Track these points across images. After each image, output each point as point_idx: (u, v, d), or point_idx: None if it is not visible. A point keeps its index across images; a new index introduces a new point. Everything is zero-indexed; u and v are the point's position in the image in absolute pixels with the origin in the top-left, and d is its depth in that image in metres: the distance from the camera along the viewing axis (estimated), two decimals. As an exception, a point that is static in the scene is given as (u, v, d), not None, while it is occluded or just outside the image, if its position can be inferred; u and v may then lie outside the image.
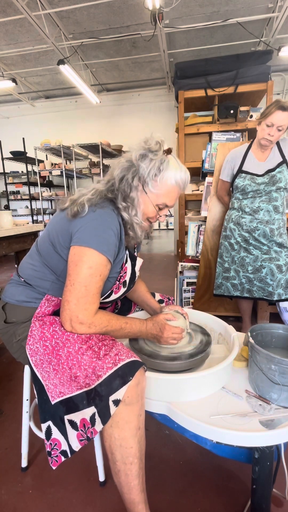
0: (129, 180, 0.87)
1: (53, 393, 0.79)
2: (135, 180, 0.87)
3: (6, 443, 1.24)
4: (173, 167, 0.87)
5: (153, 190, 0.88)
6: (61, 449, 0.76)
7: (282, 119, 1.55)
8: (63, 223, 0.86)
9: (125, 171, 0.88)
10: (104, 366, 0.73)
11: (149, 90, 5.87)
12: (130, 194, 0.87)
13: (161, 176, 0.86)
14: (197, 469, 1.10)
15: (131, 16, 3.74)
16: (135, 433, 0.74)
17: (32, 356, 0.83)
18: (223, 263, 1.92)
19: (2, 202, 6.51)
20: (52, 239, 0.88)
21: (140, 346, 1.01)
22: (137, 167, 0.86)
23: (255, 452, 0.75)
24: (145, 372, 0.77)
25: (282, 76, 5.29)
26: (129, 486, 0.78)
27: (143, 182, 0.87)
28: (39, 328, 0.84)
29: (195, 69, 3.11)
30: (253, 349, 0.88)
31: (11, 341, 0.91)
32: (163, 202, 0.91)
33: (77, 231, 0.81)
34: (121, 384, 0.71)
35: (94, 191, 0.88)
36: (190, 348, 0.98)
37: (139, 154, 0.86)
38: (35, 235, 2.23)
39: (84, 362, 0.75)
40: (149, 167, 0.85)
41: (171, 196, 0.91)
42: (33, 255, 0.95)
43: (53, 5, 3.54)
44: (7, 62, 4.81)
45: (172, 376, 0.83)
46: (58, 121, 6.26)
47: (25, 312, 0.90)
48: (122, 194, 0.87)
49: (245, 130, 2.90)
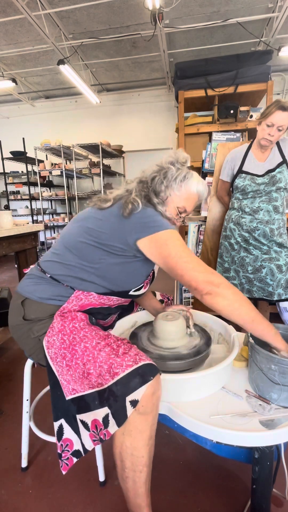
0: (161, 179, 0.97)
1: (66, 390, 0.78)
2: (165, 180, 0.97)
3: (6, 443, 1.24)
4: (196, 179, 0.99)
5: (177, 193, 0.98)
6: (73, 450, 0.75)
7: (282, 119, 1.55)
8: (112, 220, 0.89)
9: (156, 172, 0.99)
10: (123, 363, 0.72)
11: (149, 90, 5.87)
12: (161, 192, 0.97)
13: (186, 182, 0.97)
14: (197, 469, 1.10)
15: (131, 16, 3.74)
16: (147, 443, 0.74)
17: (48, 349, 0.83)
18: (223, 263, 1.92)
19: (2, 202, 6.51)
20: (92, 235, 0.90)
21: (140, 346, 1.00)
22: (167, 169, 0.97)
23: (255, 452, 0.75)
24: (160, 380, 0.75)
25: (282, 76, 5.29)
26: (136, 492, 0.78)
27: (170, 185, 0.97)
28: (60, 322, 0.84)
29: (195, 69, 3.10)
30: (253, 349, 0.88)
31: (28, 336, 0.90)
32: (183, 205, 1.00)
33: (141, 225, 0.86)
34: (140, 383, 0.69)
35: (134, 190, 0.95)
36: (190, 348, 0.98)
37: (169, 161, 0.99)
38: (35, 235, 2.23)
39: (100, 358, 0.74)
40: (176, 173, 0.97)
41: (191, 202, 1.01)
42: (63, 253, 0.94)
43: (53, 5, 3.54)
44: (7, 62, 4.81)
45: (172, 376, 0.83)
46: (58, 121, 6.26)
47: (46, 309, 0.90)
48: (154, 191, 0.97)
49: (245, 130, 2.90)
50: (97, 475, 1.05)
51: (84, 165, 5.62)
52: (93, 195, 4.68)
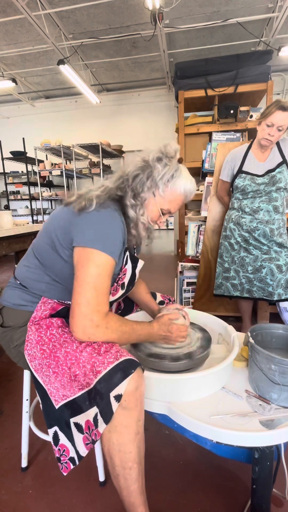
0: (143, 179, 0.88)
1: (56, 397, 0.77)
2: (149, 181, 0.88)
3: (6, 443, 1.24)
4: (184, 177, 0.90)
5: (162, 194, 0.89)
6: (69, 456, 0.75)
7: (282, 119, 1.55)
8: (66, 218, 0.84)
9: (140, 170, 0.88)
10: (104, 361, 0.72)
11: (149, 90, 5.87)
12: (141, 193, 0.88)
13: (173, 183, 0.88)
14: (197, 469, 1.10)
15: (131, 16, 3.74)
16: (134, 438, 0.73)
17: (31, 362, 0.82)
18: (223, 263, 1.92)
19: (2, 202, 6.51)
20: (51, 236, 0.86)
21: (139, 346, 1.00)
22: (152, 168, 0.87)
23: (255, 452, 0.75)
24: (143, 375, 0.76)
25: (282, 76, 5.29)
26: (128, 490, 0.77)
27: (155, 185, 0.88)
28: (36, 332, 0.82)
29: (195, 69, 3.10)
30: (253, 349, 0.88)
31: (9, 346, 0.90)
32: (167, 208, 0.92)
33: (80, 231, 0.79)
34: (122, 377, 0.69)
35: (103, 188, 0.87)
36: (190, 348, 0.98)
37: (156, 157, 0.88)
38: (35, 235, 2.22)
39: (83, 358, 0.74)
40: (163, 171, 0.87)
41: (176, 204, 0.93)
42: (29, 256, 0.93)
43: (53, 5, 3.54)
44: (7, 62, 4.81)
45: (172, 376, 0.83)
46: (58, 121, 6.26)
47: (22, 316, 0.89)
48: (134, 191, 0.88)
49: (245, 130, 2.90)
50: (97, 475, 1.05)
51: (84, 165, 5.63)
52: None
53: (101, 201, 0.82)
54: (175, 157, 0.90)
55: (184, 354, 0.95)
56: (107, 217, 0.81)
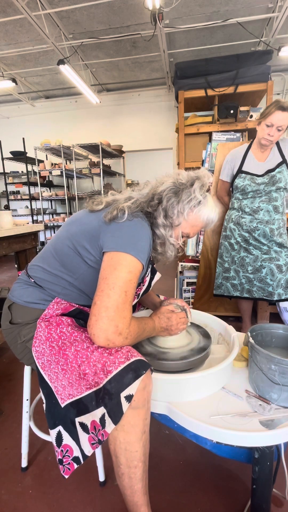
0: (174, 203, 0.90)
1: (63, 395, 0.77)
2: (179, 205, 0.90)
3: (6, 443, 1.24)
4: (210, 206, 0.92)
5: (186, 218, 0.92)
6: (73, 456, 0.75)
7: (281, 119, 1.55)
8: (93, 224, 0.86)
9: (172, 193, 0.90)
10: (116, 360, 0.72)
11: (149, 90, 5.87)
12: (173, 216, 0.91)
13: (198, 209, 0.91)
14: (197, 469, 1.10)
15: (131, 16, 3.74)
16: (140, 437, 0.74)
17: (38, 359, 0.81)
18: (223, 263, 1.92)
19: (2, 202, 6.51)
20: (74, 240, 0.87)
21: (139, 346, 1.00)
22: (183, 192, 0.90)
23: (255, 452, 0.75)
24: (151, 375, 0.76)
25: (282, 76, 5.28)
26: (132, 489, 0.77)
27: (182, 208, 0.90)
28: (45, 329, 0.82)
29: (195, 69, 3.10)
30: (253, 349, 0.88)
31: (16, 342, 0.90)
32: (188, 232, 0.94)
33: (112, 236, 0.81)
34: (134, 378, 0.70)
35: (134, 200, 0.89)
36: (190, 348, 0.98)
37: (187, 181, 0.91)
38: (35, 235, 2.23)
39: (94, 358, 0.74)
40: (191, 197, 0.89)
41: (196, 229, 0.96)
42: (47, 256, 0.93)
43: (53, 5, 3.54)
44: (7, 62, 4.81)
45: (172, 376, 0.83)
46: (58, 121, 6.26)
47: (32, 313, 0.89)
48: (165, 212, 0.90)
49: (245, 130, 2.90)
50: (97, 475, 1.05)
51: (84, 165, 5.63)
52: (93, 195, 4.69)
53: (132, 212, 0.85)
54: (205, 187, 0.92)
55: (184, 354, 0.95)
56: (139, 225, 0.84)
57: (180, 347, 0.98)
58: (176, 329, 0.96)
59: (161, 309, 0.98)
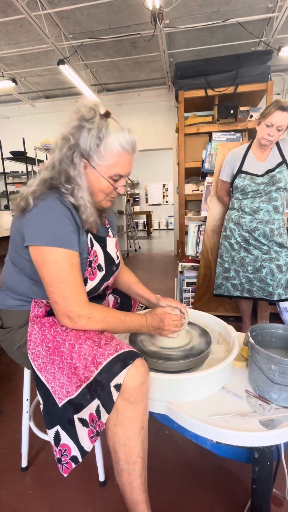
0: (69, 158, 0.79)
1: (60, 394, 0.78)
2: (76, 157, 0.79)
3: (6, 443, 1.24)
4: (114, 131, 0.80)
5: (100, 163, 0.81)
6: (71, 455, 0.75)
7: (281, 119, 1.55)
8: (17, 222, 0.83)
9: (62, 149, 0.80)
10: (105, 352, 0.73)
11: (149, 90, 5.86)
12: (71, 173, 0.80)
13: (104, 144, 0.79)
14: (197, 469, 1.10)
15: (131, 16, 3.74)
16: (139, 432, 0.74)
17: (34, 361, 0.82)
18: (223, 263, 1.92)
19: (2, 202, 6.51)
20: (13, 241, 0.86)
21: (139, 346, 1.00)
22: (75, 141, 0.78)
23: (255, 452, 0.75)
24: (148, 370, 0.77)
25: (282, 76, 5.28)
26: (131, 486, 0.78)
27: (87, 156, 0.80)
28: (39, 331, 0.83)
29: (195, 69, 3.10)
30: (253, 349, 0.88)
31: (12, 348, 0.90)
32: (115, 172, 0.83)
33: (27, 229, 0.78)
34: (121, 367, 0.70)
35: (38, 181, 0.82)
36: (190, 348, 0.98)
37: (72, 127, 0.79)
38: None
39: (83, 351, 0.75)
40: (88, 138, 0.78)
41: (123, 164, 0.83)
42: (7, 262, 0.93)
43: (53, 5, 3.54)
44: (7, 62, 4.80)
45: (172, 376, 0.83)
46: (58, 121, 6.22)
47: (20, 315, 0.89)
48: (65, 176, 0.80)
49: (245, 130, 2.90)
50: (97, 475, 1.05)
51: (84, 165, 5.60)
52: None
53: (37, 195, 0.77)
54: (95, 116, 0.79)
55: (184, 354, 0.95)
56: (48, 209, 0.77)
57: (180, 347, 0.98)
58: (168, 330, 0.93)
59: (157, 309, 0.96)
